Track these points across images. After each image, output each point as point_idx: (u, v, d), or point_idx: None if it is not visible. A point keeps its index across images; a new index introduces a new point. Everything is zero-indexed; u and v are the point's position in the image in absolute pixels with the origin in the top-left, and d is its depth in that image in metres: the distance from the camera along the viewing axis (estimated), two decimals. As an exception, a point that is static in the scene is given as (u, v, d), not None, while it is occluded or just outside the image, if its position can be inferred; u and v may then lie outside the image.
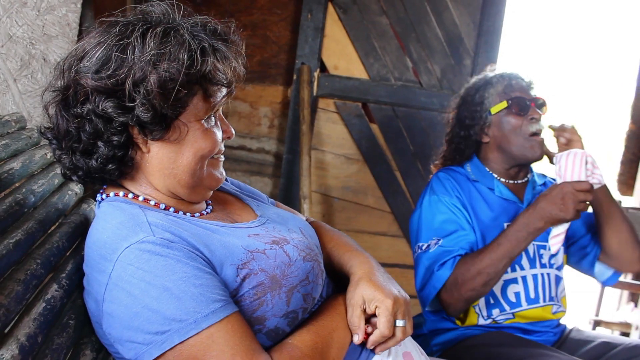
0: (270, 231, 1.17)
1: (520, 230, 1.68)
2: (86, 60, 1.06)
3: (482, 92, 1.95)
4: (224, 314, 0.96)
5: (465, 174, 1.96)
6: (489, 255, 1.68)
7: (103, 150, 1.07)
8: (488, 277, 1.68)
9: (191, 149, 1.11)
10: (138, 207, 1.08)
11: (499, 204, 1.91)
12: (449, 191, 1.88)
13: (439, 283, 1.74)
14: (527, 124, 1.87)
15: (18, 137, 1.43)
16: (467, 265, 1.70)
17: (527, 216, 1.68)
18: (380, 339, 1.15)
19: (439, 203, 1.85)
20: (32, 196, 1.24)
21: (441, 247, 1.77)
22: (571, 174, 1.68)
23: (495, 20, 3.53)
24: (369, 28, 3.52)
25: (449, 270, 1.73)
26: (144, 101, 1.03)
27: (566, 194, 1.63)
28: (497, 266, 1.67)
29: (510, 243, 1.68)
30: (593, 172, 1.70)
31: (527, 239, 1.68)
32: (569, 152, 1.71)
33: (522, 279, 1.85)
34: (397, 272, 3.52)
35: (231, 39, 1.15)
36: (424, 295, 1.81)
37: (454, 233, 1.79)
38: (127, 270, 0.97)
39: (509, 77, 1.94)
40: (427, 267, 1.78)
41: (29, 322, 0.93)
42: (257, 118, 3.65)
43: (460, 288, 1.70)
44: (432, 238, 1.81)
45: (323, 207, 3.62)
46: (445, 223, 1.82)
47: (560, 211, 1.64)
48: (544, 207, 1.66)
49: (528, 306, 1.84)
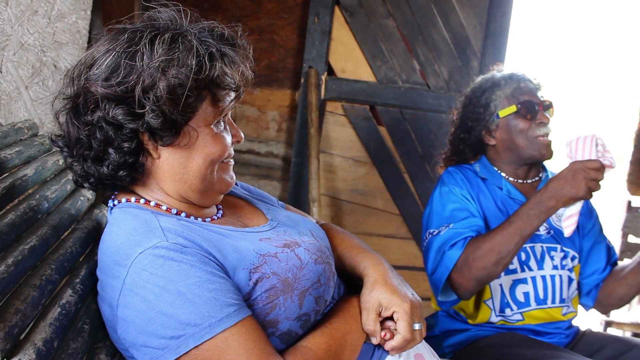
0: (281, 234, 1.18)
1: (532, 208, 1.65)
2: (95, 67, 1.07)
3: (488, 93, 1.93)
4: (238, 318, 0.96)
5: (474, 171, 1.96)
6: (500, 232, 1.66)
7: (114, 157, 1.08)
8: (499, 255, 1.65)
9: (201, 154, 1.11)
10: (150, 213, 1.09)
11: (506, 203, 1.90)
12: (459, 183, 1.88)
13: (450, 263, 1.71)
14: (534, 127, 1.86)
15: (31, 143, 1.44)
16: (478, 244, 1.68)
17: (539, 195, 1.66)
18: (403, 343, 1.15)
19: (450, 194, 1.86)
20: (45, 202, 1.26)
21: (452, 229, 1.76)
22: (582, 155, 1.65)
23: (502, 22, 3.52)
24: (375, 31, 3.52)
25: (460, 249, 1.71)
26: (153, 107, 1.04)
27: (577, 171, 1.61)
28: (509, 244, 1.65)
29: (522, 220, 1.65)
30: (604, 155, 1.66)
31: (540, 217, 1.65)
32: (579, 136, 1.68)
33: (532, 280, 1.84)
34: (407, 274, 3.52)
35: (239, 44, 1.15)
36: (436, 279, 1.78)
37: (465, 219, 1.79)
38: (141, 276, 0.97)
39: (517, 79, 1.92)
40: (438, 248, 1.76)
41: (45, 327, 0.94)
42: (265, 122, 3.66)
43: (471, 266, 1.67)
44: (443, 225, 1.81)
45: (332, 210, 3.62)
46: (456, 211, 1.82)
47: (572, 187, 1.61)
48: (555, 185, 1.64)
49: (537, 306, 1.84)
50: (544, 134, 1.86)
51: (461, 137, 2.00)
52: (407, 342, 1.15)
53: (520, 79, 1.92)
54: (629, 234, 3.63)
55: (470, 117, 1.96)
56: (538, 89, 1.93)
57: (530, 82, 1.93)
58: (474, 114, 1.95)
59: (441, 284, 1.76)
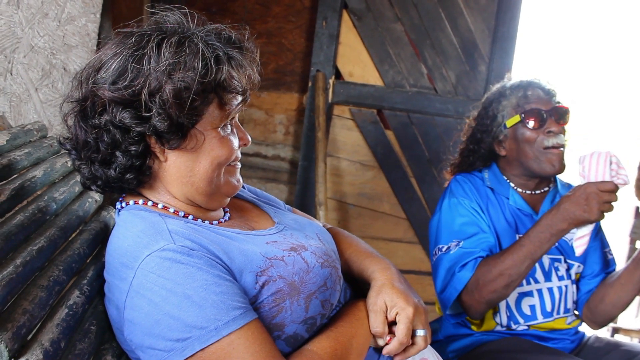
0: (288, 238, 1.18)
1: (544, 232, 1.63)
2: (103, 71, 1.07)
3: (495, 104, 1.90)
4: (244, 321, 0.97)
5: (482, 179, 1.94)
6: (511, 256, 1.65)
7: (121, 160, 1.08)
8: (510, 278, 1.65)
9: (208, 157, 1.12)
10: (158, 215, 1.09)
11: (513, 213, 1.88)
12: (468, 194, 1.86)
13: (460, 285, 1.71)
14: (543, 137, 1.81)
15: (40, 145, 1.45)
16: (488, 267, 1.67)
17: (551, 217, 1.63)
18: (399, 347, 1.16)
19: (458, 206, 1.83)
20: (53, 203, 1.26)
21: (462, 249, 1.75)
22: (595, 175, 1.62)
23: (510, 26, 3.52)
24: (383, 35, 3.53)
25: (470, 272, 1.70)
26: (160, 111, 1.04)
27: (590, 195, 1.58)
28: (520, 267, 1.64)
29: (533, 244, 1.64)
30: (618, 173, 1.63)
31: (551, 241, 1.64)
32: (593, 152, 1.64)
33: (538, 292, 1.83)
34: (413, 278, 3.52)
35: (246, 47, 1.16)
36: (444, 298, 1.78)
37: (475, 235, 1.77)
38: (149, 278, 0.98)
39: (524, 88, 1.87)
40: (448, 268, 1.76)
41: (52, 327, 0.95)
42: (273, 125, 3.67)
43: (482, 290, 1.67)
44: (452, 240, 1.79)
45: (338, 213, 3.62)
46: (465, 225, 1.80)
47: (584, 212, 1.58)
48: (567, 208, 1.61)
49: (544, 319, 1.83)
50: (553, 144, 1.81)
51: (470, 148, 1.97)
52: (403, 346, 1.15)
53: (528, 86, 1.87)
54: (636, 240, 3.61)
55: (479, 129, 1.94)
56: (551, 95, 1.87)
57: (541, 88, 1.87)
58: (482, 125, 1.93)
59: (449, 303, 1.76)
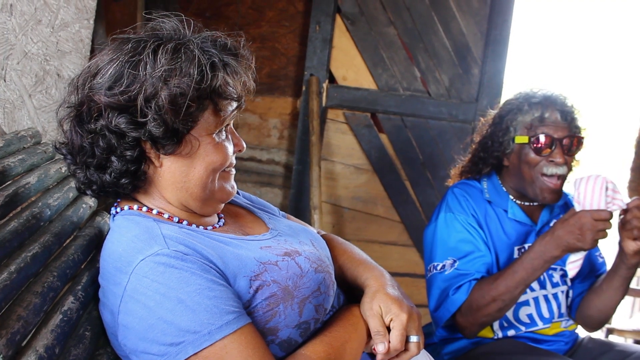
0: (281, 243, 1.19)
1: (537, 258, 1.65)
2: (99, 77, 1.08)
3: (511, 116, 1.85)
4: (237, 326, 0.97)
5: (481, 190, 1.93)
6: (504, 282, 1.67)
7: (116, 165, 1.09)
8: (503, 303, 1.68)
9: (203, 163, 1.12)
10: (152, 220, 1.10)
11: (511, 226, 1.89)
12: (464, 209, 1.85)
13: (453, 307, 1.74)
14: (545, 164, 1.79)
15: (34, 151, 1.45)
16: (482, 292, 1.70)
17: (544, 244, 1.65)
18: (393, 352, 1.16)
19: (454, 221, 1.83)
20: (48, 210, 1.27)
21: (457, 270, 1.77)
22: (590, 202, 1.62)
23: (502, 29, 3.54)
24: (376, 39, 3.54)
25: (464, 295, 1.73)
26: (155, 116, 1.05)
27: (584, 224, 1.58)
28: (513, 293, 1.67)
29: (526, 271, 1.66)
30: (614, 198, 1.62)
31: (543, 267, 1.66)
32: (589, 177, 1.63)
33: (534, 300, 1.85)
34: (408, 281, 3.52)
35: (241, 53, 1.17)
36: (437, 317, 1.81)
37: (470, 254, 1.78)
38: (142, 283, 0.98)
39: (545, 107, 1.80)
40: (443, 289, 1.78)
41: (47, 333, 0.95)
42: (267, 129, 3.68)
43: (475, 313, 1.71)
44: (448, 258, 1.80)
45: (333, 217, 3.63)
46: (461, 243, 1.80)
47: (578, 241, 1.60)
48: (561, 235, 1.62)
49: (544, 325, 1.85)
50: (551, 174, 1.79)
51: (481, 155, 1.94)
52: (397, 352, 1.16)
53: (549, 107, 1.80)
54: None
55: (491, 134, 1.91)
56: (569, 121, 1.80)
57: (561, 110, 1.80)
58: (495, 132, 1.90)
59: (442, 323, 1.80)
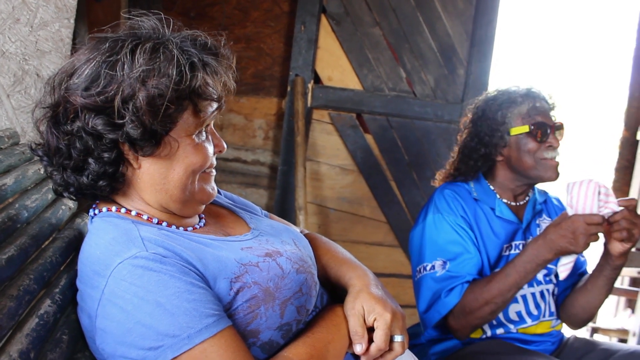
0: (263, 244, 1.17)
1: (530, 262, 1.67)
2: (76, 77, 1.06)
3: (504, 110, 1.88)
4: (217, 329, 0.96)
5: (469, 190, 1.93)
6: (497, 285, 1.69)
7: (94, 167, 1.07)
8: (496, 306, 1.70)
9: (182, 164, 1.10)
10: (131, 222, 1.08)
11: (499, 224, 1.89)
12: (453, 210, 1.85)
13: (444, 310, 1.75)
14: (543, 149, 1.83)
15: (11, 152, 1.43)
16: (474, 295, 1.71)
17: (537, 247, 1.67)
18: (377, 352, 1.15)
19: (443, 222, 1.83)
20: (25, 211, 1.24)
21: (448, 272, 1.77)
22: (583, 206, 1.63)
23: (487, 30, 3.55)
24: (362, 39, 3.54)
25: (456, 298, 1.73)
26: (133, 118, 1.03)
27: (577, 229, 1.60)
28: (505, 296, 1.69)
29: (519, 274, 1.68)
30: (606, 202, 1.64)
31: (536, 270, 1.68)
32: (582, 182, 1.65)
33: (522, 298, 1.86)
34: (395, 282, 3.52)
35: (221, 53, 1.15)
36: (427, 319, 1.81)
37: (460, 256, 1.78)
38: (120, 286, 0.96)
39: (534, 98, 1.88)
40: (434, 291, 1.78)
41: (22, 338, 0.93)
42: (252, 130, 3.66)
43: (468, 316, 1.72)
44: (437, 259, 1.80)
45: (319, 218, 3.62)
46: (450, 244, 1.81)
47: (571, 245, 1.62)
48: (553, 239, 1.64)
49: (533, 322, 1.86)
50: (551, 157, 1.85)
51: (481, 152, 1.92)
52: (381, 351, 1.15)
53: (537, 98, 1.89)
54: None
55: (486, 133, 1.90)
56: (552, 109, 1.91)
57: (546, 101, 1.90)
58: (489, 130, 1.89)
59: (431, 324, 1.81)
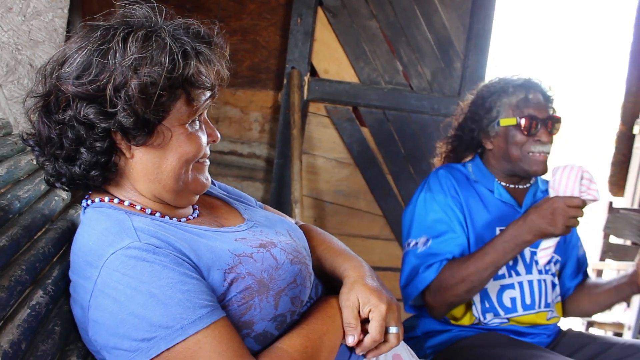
0: (257, 234, 1.16)
1: (508, 242, 1.67)
2: (67, 65, 1.04)
3: (494, 98, 1.88)
4: (211, 320, 0.95)
5: (466, 173, 1.94)
6: (474, 263, 1.69)
7: (86, 157, 1.05)
8: (472, 284, 1.69)
9: (175, 154, 1.09)
10: (124, 213, 1.07)
11: (496, 206, 1.89)
12: (444, 190, 1.86)
13: (421, 285, 1.76)
14: (531, 143, 1.83)
15: (4, 142, 1.42)
16: (452, 271, 1.71)
17: (517, 228, 1.67)
18: (372, 344, 1.15)
19: (432, 201, 1.85)
20: (17, 202, 1.23)
21: (429, 249, 1.78)
22: (564, 189, 1.65)
23: (484, 23, 3.54)
24: (358, 32, 3.52)
25: (433, 274, 1.74)
26: (125, 107, 1.02)
27: (556, 210, 1.61)
28: (482, 275, 1.68)
29: (497, 253, 1.68)
30: (589, 188, 1.65)
31: (514, 250, 1.68)
32: (566, 166, 1.67)
33: (519, 285, 1.85)
34: (390, 275, 3.52)
35: (215, 42, 1.13)
36: (405, 293, 1.84)
37: (444, 235, 1.79)
38: (113, 277, 0.95)
39: (527, 89, 1.86)
40: (414, 266, 1.79)
41: (13, 328, 0.92)
42: (248, 123, 3.65)
43: (444, 293, 1.72)
44: (422, 236, 1.81)
45: (315, 211, 3.61)
46: (436, 222, 1.82)
47: (550, 226, 1.62)
48: (533, 219, 1.64)
49: (524, 312, 1.84)
50: (539, 151, 1.83)
51: (458, 134, 1.98)
52: (376, 343, 1.15)
53: (531, 89, 1.86)
54: (610, 235, 3.66)
55: (471, 118, 1.93)
56: (549, 102, 1.88)
57: (542, 93, 1.87)
58: (476, 115, 1.92)
59: (409, 299, 1.83)
